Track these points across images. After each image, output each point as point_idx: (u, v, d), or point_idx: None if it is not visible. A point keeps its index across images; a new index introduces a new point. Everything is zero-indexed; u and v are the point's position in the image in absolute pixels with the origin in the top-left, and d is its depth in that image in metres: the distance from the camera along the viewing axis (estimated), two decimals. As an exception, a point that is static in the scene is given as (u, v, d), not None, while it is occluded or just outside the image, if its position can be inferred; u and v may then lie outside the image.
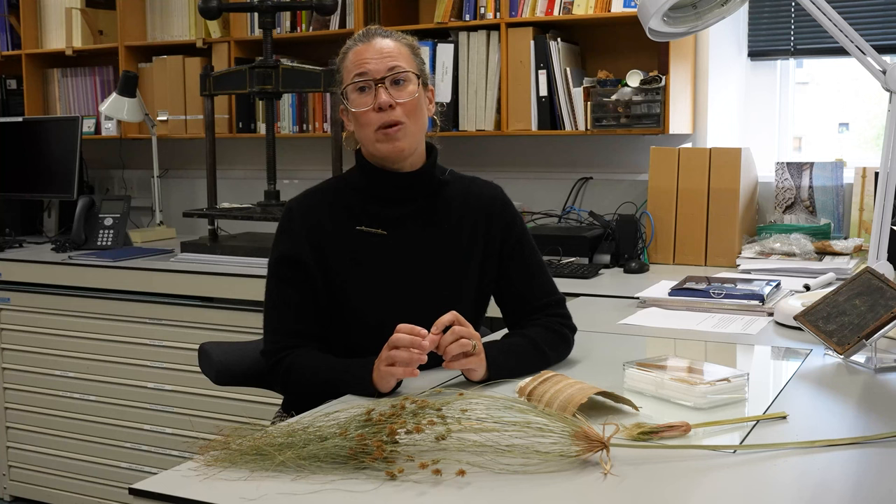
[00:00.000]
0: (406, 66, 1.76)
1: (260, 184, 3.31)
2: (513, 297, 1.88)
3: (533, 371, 1.59)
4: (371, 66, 1.74)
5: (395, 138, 1.75)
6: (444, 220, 1.84)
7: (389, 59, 1.75)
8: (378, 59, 1.74)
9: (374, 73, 1.74)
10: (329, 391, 1.63)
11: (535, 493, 1.17)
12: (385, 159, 1.78)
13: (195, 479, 1.23)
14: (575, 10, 3.04)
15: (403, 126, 1.75)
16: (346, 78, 1.78)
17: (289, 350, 1.75)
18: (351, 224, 1.80)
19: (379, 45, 1.76)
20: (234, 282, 2.91)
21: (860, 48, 2.06)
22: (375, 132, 1.75)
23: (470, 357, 1.60)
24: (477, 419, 1.28)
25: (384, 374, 1.57)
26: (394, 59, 1.75)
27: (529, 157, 3.41)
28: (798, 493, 1.18)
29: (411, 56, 1.79)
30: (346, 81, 1.78)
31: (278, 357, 1.75)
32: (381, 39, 1.77)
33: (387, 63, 1.74)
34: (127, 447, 3.15)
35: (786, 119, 3.28)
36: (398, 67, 1.75)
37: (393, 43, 1.77)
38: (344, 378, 1.65)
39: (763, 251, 2.80)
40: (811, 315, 1.85)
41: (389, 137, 1.75)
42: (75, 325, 3.19)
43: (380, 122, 1.74)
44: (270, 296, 1.81)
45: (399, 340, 1.55)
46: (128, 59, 3.79)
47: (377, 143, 1.76)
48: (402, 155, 1.77)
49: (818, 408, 1.55)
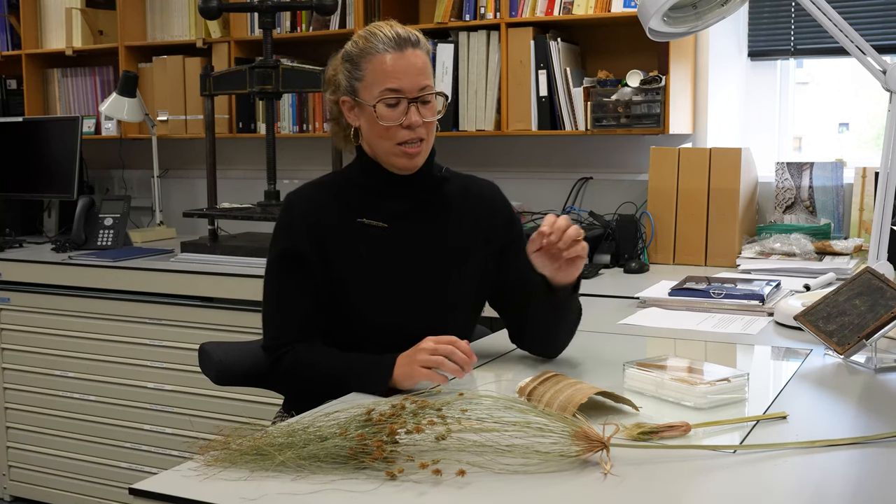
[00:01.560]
0: (433, 85, 1.78)
1: (260, 184, 3.31)
2: (518, 286, 1.86)
3: (572, 315, 1.80)
4: (405, 84, 1.73)
5: (417, 156, 1.77)
6: (445, 214, 1.85)
7: (422, 78, 1.75)
8: (412, 76, 1.74)
9: (407, 92, 1.74)
10: (332, 388, 1.62)
11: (535, 493, 1.17)
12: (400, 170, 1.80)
13: (195, 479, 1.23)
14: (575, 10, 3.04)
15: (423, 144, 1.77)
16: (373, 84, 1.74)
17: (290, 346, 1.75)
18: (352, 217, 1.80)
19: (412, 59, 1.75)
20: (234, 282, 2.91)
21: (860, 48, 2.06)
22: (396, 147, 1.76)
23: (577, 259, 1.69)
24: (477, 419, 1.28)
25: (417, 375, 1.57)
26: (425, 76, 1.76)
27: (529, 157, 3.41)
28: (798, 493, 1.18)
29: (431, 66, 1.80)
30: (374, 89, 1.74)
31: (279, 353, 1.75)
32: (412, 51, 1.75)
33: (420, 81, 1.75)
34: (127, 447, 3.15)
35: (786, 119, 3.28)
36: (428, 87, 1.76)
37: (421, 55, 1.77)
38: (350, 375, 1.65)
39: (763, 251, 2.80)
40: (811, 315, 1.84)
41: (409, 155, 1.76)
42: (75, 325, 3.19)
43: (405, 138, 1.75)
44: (271, 290, 1.81)
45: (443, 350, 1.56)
46: (128, 59, 3.79)
47: (395, 156, 1.77)
48: (416, 169, 1.80)
49: (818, 408, 1.55)
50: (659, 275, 2.71)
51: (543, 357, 1.83)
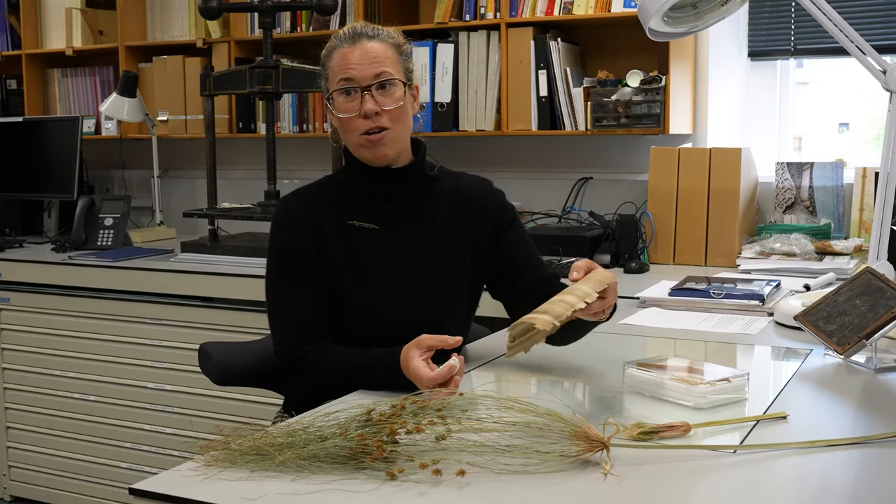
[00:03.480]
0: (392, 72, 1.74)
1: (260, 184, 3.31)
2: (515, 272, 1.87)
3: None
4: (357, 72, 1.73)
5: (380, 144, 1.75)
6: (436, 214, 1.84)
7: (376, 65, 1.73)
8: (365, 65, 1.73)
9: (360, 80, 1.73)
10: (360, 384, 1.62)
11: (535, 493, 1.17)
12: (371, 162, 1.79)
13: (195, 479, 1.23)
14: (575, 11, 3.04)
15: (388, 132, 1.74)
16: (331, 80, 1.77)
17: (306, 346, 1.73)
18: (343, 219, 1.80)
19: (365, 49, 1.74)
20: (234, 282, 2.91)
21: (860, 48, 2.06)
22: (359, 137, 1.75)
23: None
24: (477, 419, 1.28)
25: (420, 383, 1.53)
26: (380, 63, 1.73)
27: (529, 157, 3.41)
28: (798, 493, 1.18)
29: (397, 57, 1.77)
30: (331, 84, 1.77)
31: (297, 354, 1.73)
32: (367, 42, 1.74)
33: (374, 69, 1.73)
34: (127, 447, 3.15)
35: (786, 119, 3.28)
36: (385, 73, 1.73)
37: (379, 45, 1.75)
38: (376, 370, 1.63)
39: (763, 251, 2.80)
40: (811, 315, 1.84)
41: (373, 144, 1.75)
42: (75, 325, 3.19)
43: (364, 128, 1.74)
44: (274, 294, 1.79)
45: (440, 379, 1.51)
46: (128, 59, 3.79)
47: (361, 147, 1.77)
48: (386, 160, 1.78)
49: (818, 408, 1.55)
50: (659, 275, 2.71)
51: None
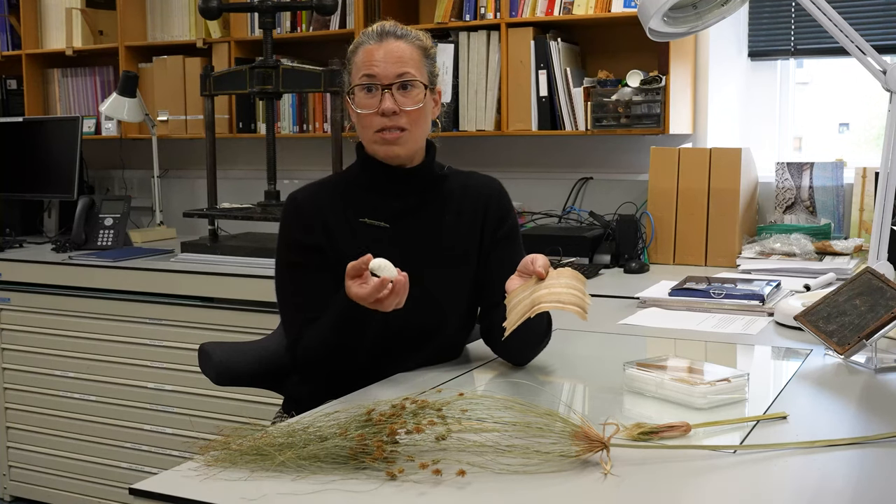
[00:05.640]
0: (415, 73, 1.74)
1: (260, 184, 3.31)
2: (484, 284, 1.83)
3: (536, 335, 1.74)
4: (380, 70, 1.72)
5: (395, 144, 1.74)
6: (444, 213, 1.84)
7: (399, 65, 1.73)
8: (388, 64, 1.72)
9: (381, 78, 1.72)
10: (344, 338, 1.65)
11: (535, 493, 1.17)
12: (384, 159, 1.78)
13: (195, 479, 1.23)
14: (575, 11, 3.04)
15: (405, 133, 1.74)
16: (354, 75, 1.77)
17: None
18: (353, 216, 1.79)
19: (391, 48, 1.73)
20: (234, 282, 2.90)
21: (860, 48, 2.06)
22: (374, 134, 1.75)
23: None
24: (477, 419, 1.28)
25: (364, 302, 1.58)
26: (404, 64, 1.73)
27: (529, 157, 3.41)
28: (798, 493, 1.18)
29: (422, 60, 1.77)
30: (354, 79, 1.76)
31: None
32: (393, 41, 1.74)
33: (397, 69, 1.73)
34: (127, 447, 3.15)
35: (786, 119, 3.28)
36: (407, 74, 1.73)
37: (406, 46, 1.75)
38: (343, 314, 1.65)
39: (763, 251, 2.80)
40: (811, 315, 1.84)
41: (388, 142, 1.74)
42: (75, 325, 3.19)
43: (380, 125, 1.73)
44: (285, 290, 1.78)
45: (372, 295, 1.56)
46: (128, 59, 3.79)
47: (374, 144, 1.76)
48: (398, 160, 1.78)
49: (818, 408, 1.54)
50: (659, 275, 2.71)
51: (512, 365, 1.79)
